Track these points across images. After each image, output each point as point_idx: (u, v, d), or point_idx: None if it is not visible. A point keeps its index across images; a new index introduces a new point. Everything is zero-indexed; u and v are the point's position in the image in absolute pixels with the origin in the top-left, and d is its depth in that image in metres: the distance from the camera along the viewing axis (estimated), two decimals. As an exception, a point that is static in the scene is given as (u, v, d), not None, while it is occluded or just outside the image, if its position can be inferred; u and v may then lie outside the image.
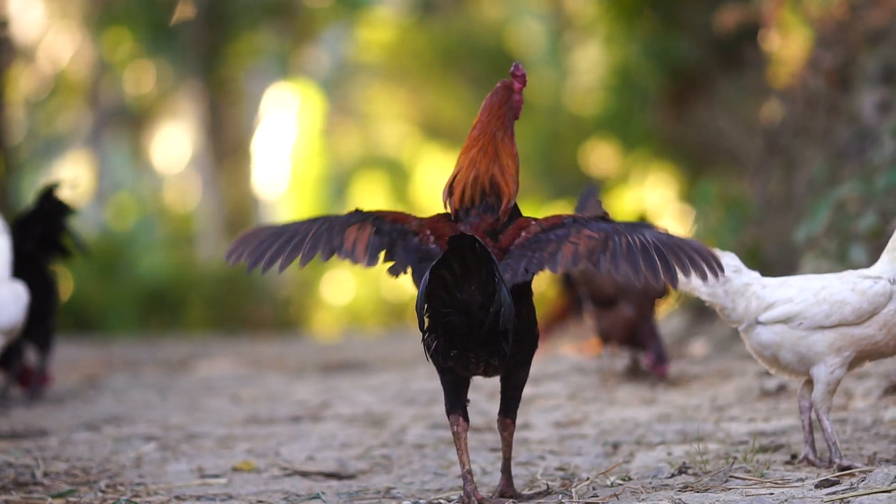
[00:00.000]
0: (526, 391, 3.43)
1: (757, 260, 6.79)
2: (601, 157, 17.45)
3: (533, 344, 3.36)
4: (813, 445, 3.64)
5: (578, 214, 3.38)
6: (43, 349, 6.03)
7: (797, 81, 8.21)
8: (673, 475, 3.61)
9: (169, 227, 19.65)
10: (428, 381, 6.10)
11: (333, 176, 22.49)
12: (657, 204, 15.90)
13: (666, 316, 8.85)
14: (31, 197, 6.55)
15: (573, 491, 3.44)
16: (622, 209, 14.58)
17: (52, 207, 6.13)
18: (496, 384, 3.46)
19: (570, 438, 4.45)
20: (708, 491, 3.37)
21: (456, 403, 3.35)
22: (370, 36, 20.92)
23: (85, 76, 19.67)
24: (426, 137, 21.80)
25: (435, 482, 3.84)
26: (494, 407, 4.75)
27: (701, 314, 7.76)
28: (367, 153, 22.60)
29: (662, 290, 5.61)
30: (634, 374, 5.71)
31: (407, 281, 3.38)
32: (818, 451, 3.69)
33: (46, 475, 4.01)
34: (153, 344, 12.23)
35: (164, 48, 18.82)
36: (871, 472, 3.37)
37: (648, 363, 5.57)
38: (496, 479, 3.71)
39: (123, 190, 20.72)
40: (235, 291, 17.14)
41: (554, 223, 3.34)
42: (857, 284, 3.58)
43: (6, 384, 6.01)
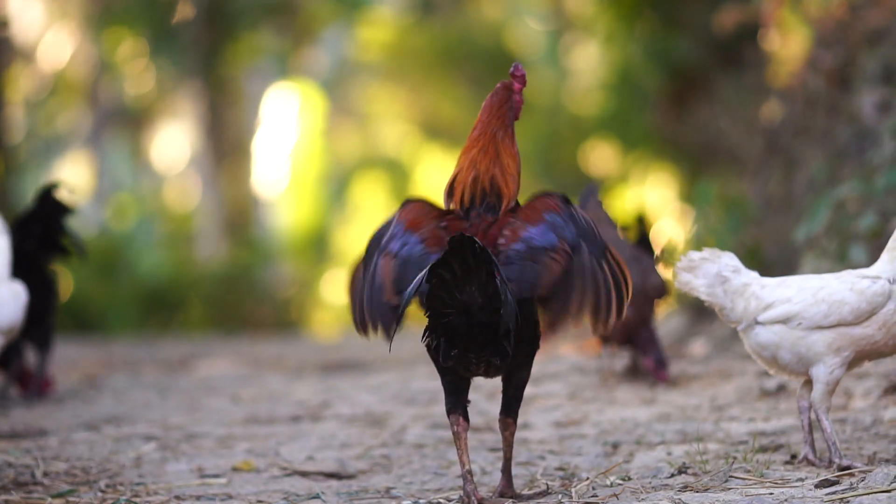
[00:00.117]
0: (526, 391, 3.43)
1: (757, 260, 6.79)
2: (601, 157, 17.46)
3: (534, 344, 3.35)
4: (812, 445, 3.64)
5: (555, 204, 3.38)
6: (42, 349, 6.04)
7: (797, 81, 8.21)
8: (673, 475, 3.61)
9: (169, 226, 19.64)
10: (428, 380, 6.10)
11: (333, 176, 22.49)
12: (657, 204, 15.90)
13: (666, 316, 8.85)
14: (30, 197, 6.55)
15: (573, 491, 3.44)
16: (622, 209, 14.58)
17: (51, 208, 6.13)
18: (496, 384, 3.46)
19: (569, 438, 4.45)
20: (708, 491, 3.37)
21: (457, 403, 3.35)
22: (370, 36, 20.91)
23: (85, 76, 19.67)
24: (426, 137, 21.80)
25: (435, 482, 3.84)
26: (494, 407, 4.76)
27: (701, 314, 7.76)
28: (367, 153, 22.60)
29: (662, 290, 5.61)
30: (634, 374, 5.71)
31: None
32: (818, 450, 3.68)
33: (46, 475, 4.01)
34: (153, 344, 12.23)
35: (164, 48, 18.82)
36: (870, 471, 3.37)
37: (649, 368, 5.57)
38: (496, 479, 3.71)
39: (123, 190, 20.71)
40: (235, 291, 17.13)
41: (538, 219, 3.35)
42: (855, 284, 3.57)
43: (6, 384, 6.01)
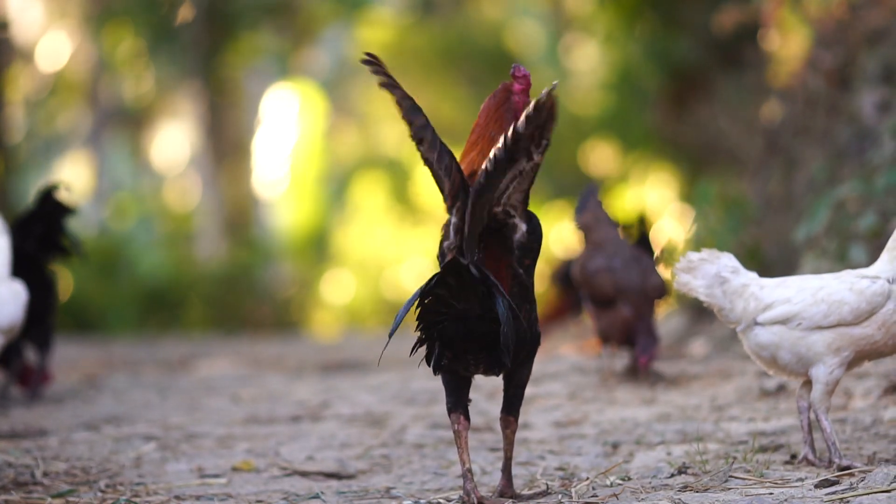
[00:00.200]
0: (526, 391, 3.43)
1: (757, 260, 6.79)
2: (601, 157, 17.46)
3: (535, 342, 3.35)
4: (812, 445, 3.64)
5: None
6: (42, 349, 6.04)
7: (797, 81, 8.22)
8: (673, 475, 3.61)
9: (169, 226, 19.64)
10: (428, 380, 6.09)
11: (333, 176, 22.49)
12: (657, 204, 15.90)
13: (666, 316, 8.85)
14: (31, 197, 6.56)
15: (573, 491, 3.44)
16: (622, 209, 14.58)
17: (52, 208, 6.13)
18: (497, 383, 3.46)
19: (569, 438, 4.45)
20: (707, 491, 3.37)
21: (457, 402, 3.35)
22: (370, 36, 20.90)
23: (84, 76, 19.67)
24: (426, 137, 21.76)
25: (435, 482, 3.84)
26: (494, 407, 4.76)
27: (700, 314, 7.76)
28: (367, 153, 22.60)
29: (661, 290, 5.61)
30: (634, 373, 5.71)
31: (406, 281, 3.34)
32: (818, 450, 3.68)
33: (46, 475, 4.01)
34: (153, 344, 12.23)
35: (164, 48, 18.82)
36: (870, 471, 3.37)
37: (635, 353, 5.56)
38: (496, 478, 3.71)
39: (123, 189, 20.71)
40: (235, 291, 17.13)
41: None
42: (854, 284, 3.57)
43: (6, 383, 6.01)
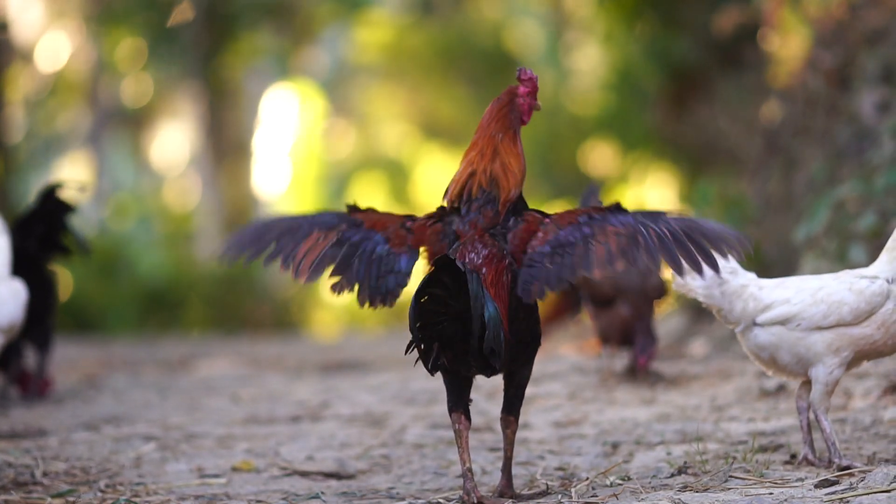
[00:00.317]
0: (526, 391, 3.43)
1: (756, 260, 6.79)
2: (601, 157, 17.45)
3: (535, 342, 3.36)
4: (812, 445, 3.64)
5: (588, 208, 3.30)
6: (42, 349, 6.03)
7: (797, 81, 8.21)
8: (672, 475, 3.61)
9: (168, 226, 19.63)
10: (428, 380, 6.09)
11: (333, 176, 22.49)
12: (657, 204, 15.90)
13: (666, 316, 8.85)
14: (31, 197, 6.56)
15: (573, 491, 3.44)
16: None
17: (53, 207, 6.13)
18: (496, 384, 3.46)
19: (569, 438, 4.45)
20: (707, 491, 3.37)
21: (458, 402, 3.35)
22: (369, 36, 20.91)
23: (84, 76, 19.67)
24: (425, 137, 21.80)
25: (434, 482, 3.84)
26: (494, 407, 4.76)
27: (700, 314, 7.75)
28: (366, 153, 22.60)
29: (661, 290, 5.60)
30: (634, 374, 5.71)
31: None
32: (817, 450, 3.68)
33: (46, 475, 4.01)
34: (153, 344, 12.22)
35: (163, 48, 18.82)
36: (870, 471, 3.37)
37: (634, 353, 5.57)
38: (496, 478, 3.71)
39: (123, 189, 20.71)
40: (235, 291, 17.12)
41: (570, 221, 3.27)
42: (854, 284, 3.57)
43: (5, 384, 6.01)
